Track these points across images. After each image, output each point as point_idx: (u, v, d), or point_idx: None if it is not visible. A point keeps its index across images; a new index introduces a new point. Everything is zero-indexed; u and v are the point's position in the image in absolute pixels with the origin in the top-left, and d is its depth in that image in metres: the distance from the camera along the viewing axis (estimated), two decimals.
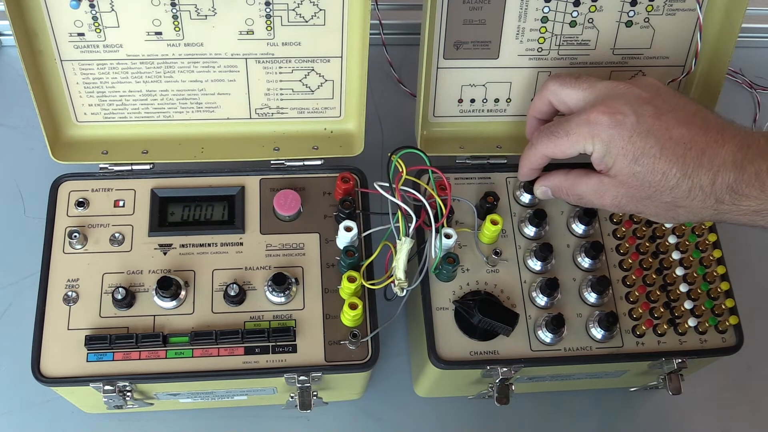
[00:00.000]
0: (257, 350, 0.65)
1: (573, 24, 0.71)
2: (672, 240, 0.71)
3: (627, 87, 0.60)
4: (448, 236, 0.66)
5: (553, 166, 0.66)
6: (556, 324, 0.66)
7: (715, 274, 0.70)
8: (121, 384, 0.64)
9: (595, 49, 0.73)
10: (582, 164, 0.63)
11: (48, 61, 0.68)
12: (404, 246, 0.63)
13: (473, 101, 0.75)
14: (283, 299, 0.67)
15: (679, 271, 0.70)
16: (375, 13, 0.93)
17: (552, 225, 0.72)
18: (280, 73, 0.71)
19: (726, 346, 0.69)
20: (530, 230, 0.71)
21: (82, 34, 0.67)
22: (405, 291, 0.64)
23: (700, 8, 0.70)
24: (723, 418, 0.80)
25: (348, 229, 0.66)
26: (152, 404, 0.71)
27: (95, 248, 0.68)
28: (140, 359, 0.64)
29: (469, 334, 0.67)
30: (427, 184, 0.68)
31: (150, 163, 0.72)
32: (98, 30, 0.66)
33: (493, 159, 0.75)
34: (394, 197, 0.63)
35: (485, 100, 0.75)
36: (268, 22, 0.68)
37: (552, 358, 0.67)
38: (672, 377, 0.70)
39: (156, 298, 0.66)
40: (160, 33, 0.67)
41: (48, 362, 0.63)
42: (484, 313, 0.65)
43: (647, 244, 0.71)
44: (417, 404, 0.78)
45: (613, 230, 0.72)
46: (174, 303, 0.66)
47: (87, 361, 0.63)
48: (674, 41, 0.73)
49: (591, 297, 0.69)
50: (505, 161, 0.75)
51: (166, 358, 0.64)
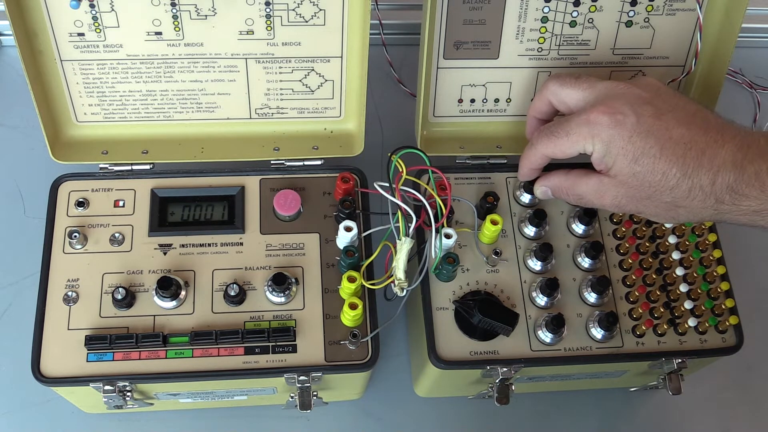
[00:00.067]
0: (257, 350, 0.65)
1: (573, 24, 0.71)
2: (672, 240, 0.71)
3: (627, 87, 0.60)
4: (448, 236, 0.66)
5: (553, 166, 0.66)
6: (556, 324, 0.66)
7: (715, 274, 0.70)
8: (121, 384, 0.64)
9: (595, 49, 0.73)
10: (582, 164, 0.63)
11: (48, 61, 0.68)
12: (404, 246, 0.63)
13: (473, 101, 0.75)
14: (283, 299, 0.67)
15: (679, 271, 0.70)
16: (375, 13, 0.93)
17: (552, 225, 0.72)
18: (280, 73, 0.71)
19: (726, 346, 0.69)
20: (530, 230, 0.71)
21: (82, 34, 0.67)
22: (405, 291, 0.64)
23: (700, 8, 0.70)
24: (723, 418, 0.80)
25: (348, 229, 0.66)
26: (152, 404, 0.71)
27: (95, 248, 0.68)
28: (140, 359, 0.64)
29: (469, 334, 0.67)
30: (427, 184, 0.67)
31: (150, 163, 0.72)
32: (98, 30, 0.66)
33: (493, 159, 0.75)
34: (394, 197, 0.63)
35: (485, 100, 0.75)
36: (268, 22, 0.68)
37: (552, 358, 0.67)
38: (672, 377, 0.70)
39: (156, 298, 0.66)
40: (160, 33, 0.67)
41: (48, 362, 0.63)
42: (484, 313, 0.65)
43: (647, 244, 0.71)
44: (417, 404, 0.78)
45: (613, 230, 0.72)
46: (174, 303, 0.66)
47: (87, 361, 0.63)
48: (674, 41, 0.73)
49: (591, 297, 0.69)
50: (505, 161, 0.75)
51: (166, 358, 0.64)
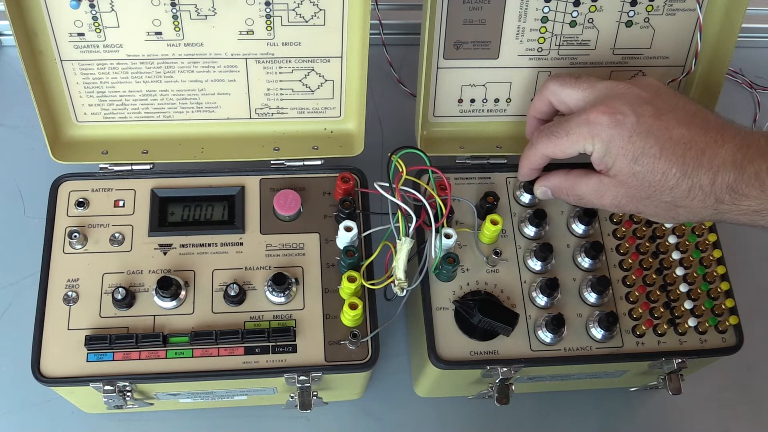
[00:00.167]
0: (257, 350, 0.65)
1: (573, 24, 0.71)
2: (672, 240, 0.71)
3: (627, 87, 0.60)
4: (448, 236, 0.66)
5: (553, 166, 0.66)
6: (556, 324, 0.66)
7: (715, 274, 0.70)
8: (121, 384, 0.64)
9: (595, 49, 0.73)
10: (582, 164, 0.63)
11: (48, 61, 0.68)
12: (404, 246, 0.63)
13: (473, 101, 0.75)
14: (283, 299, 0.67)
15: (679, 271, 0.70)
16: (375, 13, 0.93)
17: (552, 225, 0.72)
18: (280, 73, 0.71)
19: (726, 346, 0.69)
20: (530, 230, 0.71)
21: (82, 34, 0.67)
22: (405, 291, 0.64)
23: (700, 8, 0.70)
24: (723, 418, 0.80)
25: (348, 229, 0.66)
26: (152, 404, 0.71)
27: (95, 248, 0.68)
28: (140, 359, 0.64)
29: (469, 334, 0.67)
30: (427, 184, 0.67)
31: (150, 163, 0.72)
32: (98, 30, 0.66)
33: (493, 159, 0.75)
34: (394, 197, 0.63)
35: (485, 100, 0.75)
36: (268, 22, 0.68)
37: (552, 358, 0.67)
38: (672, 377, 0.70)
39: (156, 298, 0.66)
40: (160, 33, 0.67)
41: (48, 362, 0.63)
42: (484, 313, 0.65)
43: (647, 244, 0.71)
44: (417, 404, 0.78)
45: (613, 230, 0.72)
46: (174, 303, 0.66)
47: (87, 361, 0.63)
48: (674, 41, 0.73)
49: (591, 297, 0.69)
50: (505, 161, 0.75)
51: (166, 358, 0.64)
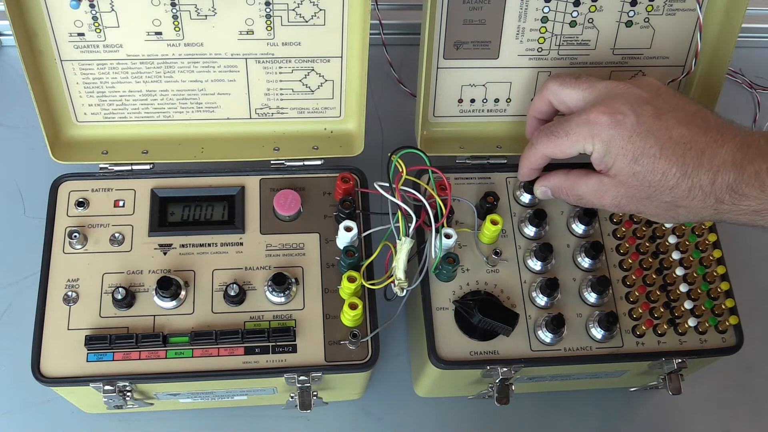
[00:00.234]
0: (257, 350, 0.65)
1: (573, 24, 0.71)
2: (672, 240, 0.71)
3: (627, 87, 0.60)
4: (448, 236, 0.66)
5: (553, 166, 0.66)
6: (556, 324, 0.66)
7: (715, 274, 0.70)
8: (121, 384, 0.64)
9: (595, 49, 0.73)
10: (582, 164, 0.63)
11: (48, 61, 0.68)
12: (404, 246, 0.63)
13: (473, 101, 0.75)
14: (283, 299, 0.67)
15: (679, 271, 0.70)
16: (375, 13, 0.93)
17: (552, 225, 0.72)
18: (280, 73, 0.71)
19: (726, 346, 0.69)
20: (530, 230, 0.71)
21: (82, 34, 0.67)
22: (405, 291, 0.64)
23: (700, 8, 0.70)
24: (723, 418, 0.80)
25: (348, 229, 0.66)
26: (152, 404, 0.71)
27: (95, 248, 0.68)
28: (140, 359, 0.64)
29: (469, 334, 0.67)
30: (427, 184, 0.67)
31: (150, 163, 0.72)
32: (98, 30, 0.66)
33: (493, 159, 0.75)
34: (394, 197, 0.63)
35: (485, 100, 0.75)
36: (268, 22, 0.68)
37: (552, 358, 0.67)
38: (672, 377, 0.70)
39: (156, 298, 0.66)
40: (160, 33, 0.67)
41: (48, 362, 0.63)
42: (484, 313, 0.65)
43: (647, 244, 0.71)
44: (417, 404, 0.78)
45: (613, 230, 0.72)
46: (174, 303, 0.66)
47: (87, 361, 0.63)
48: (674, 41, 0.73)
49: (591, 297, 0.69)
50: (505, 161, 0.75)
51: (166, 358, 0.64)
